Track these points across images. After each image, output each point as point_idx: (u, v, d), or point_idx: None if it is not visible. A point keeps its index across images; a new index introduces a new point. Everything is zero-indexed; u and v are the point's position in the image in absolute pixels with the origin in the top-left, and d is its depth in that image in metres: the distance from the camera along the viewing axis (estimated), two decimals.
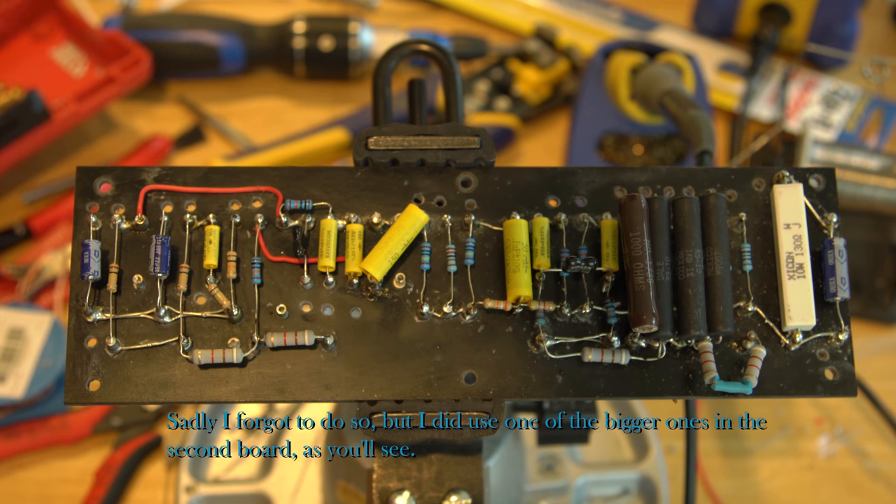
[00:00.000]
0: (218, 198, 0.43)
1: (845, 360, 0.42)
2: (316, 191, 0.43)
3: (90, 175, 0.43)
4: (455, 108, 0.49)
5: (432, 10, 0.95)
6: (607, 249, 0.42)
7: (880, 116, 0.88)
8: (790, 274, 0.42)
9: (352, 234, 0.42)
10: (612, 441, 0.70)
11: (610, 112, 0.82)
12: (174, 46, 0.85)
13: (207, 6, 0.93)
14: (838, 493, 0.71)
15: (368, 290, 0.42)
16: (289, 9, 0.93)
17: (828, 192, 0.44)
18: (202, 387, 0.41)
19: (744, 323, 0.42)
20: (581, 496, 0.67)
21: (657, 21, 0.94)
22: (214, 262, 0.42)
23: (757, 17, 0.89)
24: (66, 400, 0.41)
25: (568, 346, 0.42)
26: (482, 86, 0.87)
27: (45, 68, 0.83)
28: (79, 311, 0.41)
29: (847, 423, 0.74)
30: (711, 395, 0.41)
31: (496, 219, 0.43)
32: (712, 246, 0.42)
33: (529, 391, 0.42)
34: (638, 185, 0.44)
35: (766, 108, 0.87)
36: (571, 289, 0.42)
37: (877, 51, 0.94)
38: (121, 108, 0.86)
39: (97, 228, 0.42)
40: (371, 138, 0.44)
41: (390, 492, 0.46)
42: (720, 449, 0.72)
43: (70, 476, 0.70)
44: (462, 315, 0.42)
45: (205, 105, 0.87)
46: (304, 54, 0.85)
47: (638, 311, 0.40)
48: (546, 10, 0.94)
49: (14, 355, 0.70)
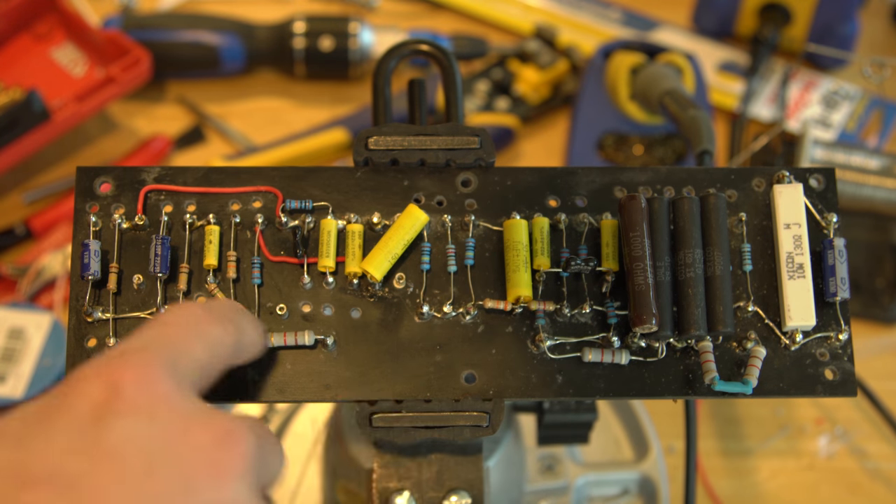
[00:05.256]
0: (218, 198, 0.43)
1: (845, 360, 0.42)
2: (316, 191, 0.43)
3: (90, 175, 0.43)
4: (455, 108, 0.49)
5: (432, 10, 0.95)
6: (607, 249, 0.42)
7: (880, 116, 0.88)
8: (790, 274, 0.42)
9: (352, 234, 0.42)
10: (612, 441, 0.70)
11: (610, 112, 0.82)
12: (174, 46, 0.85)
13: (207, 6, 0.93)
14: (838, 493, 0.71)
15: (368, 290, 0.42)
16: (289, 9, 0.93)
17: (828, 192, 0.44)
18: None
19: (744, 323, 0.42)
20: (581, 496, 0.67)
21: (657, 21, 0.94)
22: (214, 262, 0.42)
23: (757, 17, 0.89)
24: None
25: (568, 346, 0.42)
26: (482, 86, 0.87)
27: (45, 68, 0.83)
28: (79, 311, 0.41)
29: (847, 423, 0.74)
30: (711, 395, 0.41)
31: (496, 219, 0.43)
32: (712, 246, 0.42)
33: (529, 391, 0.42)
34: (638, 185, 0.44)
35: (766, 108, 0.87)
36: (571, 289, 0.42)
37: (877, 51, 0.94)
38: (121, 108, 0.86)
39: (97, 228, 0.42)
40: (371, 138, 0.44)
41: (390, 492, 0.46)
42: (720, 449, 0.72)
43: None
44: (462, 315, 0.42)
45: (205, 105, 0.87)
46: (304, 54, 0.85)
47: (638, 311, 0.40)
48: (546, 10, 0.94)
49: (14, 355, 0.70)
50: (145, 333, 0.34)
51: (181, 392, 0.32)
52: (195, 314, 0.35)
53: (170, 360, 0.32)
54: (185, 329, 0.34)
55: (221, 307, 0.37)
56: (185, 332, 0.34)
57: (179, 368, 0.33)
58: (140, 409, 0.30)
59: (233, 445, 0.31)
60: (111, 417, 0.30)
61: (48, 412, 0.30)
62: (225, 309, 0.37)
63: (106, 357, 0.32)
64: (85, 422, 0.30)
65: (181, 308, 0.36)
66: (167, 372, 0.32)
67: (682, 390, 0.42)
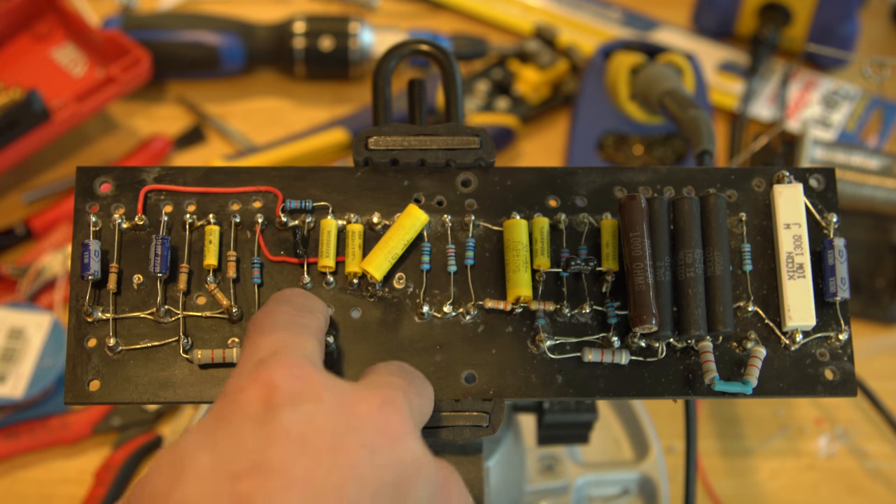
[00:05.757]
0: (218, 198, 0.43)
1: (845, 360, 0.42)
2: (316, 191, 0.43)
3: (90, 175, 0.43)
4: (455, 108, 0.49)
5: (432, 10, 0.95)
6: (607, 249, 0.42)
7: (880, 116, 0.88)
8: (790, 274, 0.42)
9: (352, 234, 0.42)
10: (612, 441, 0.70)
11: (610, 112, 0.82)
12: (174, 46, 0.85)
13: (207, 6, 0.93)
14: (838, 493, 0.71)
15: (368, 290, 0.42)
16: (289, 9, 0.93)
17: (828, 192, 0.44)
18: (202, 387, 0.41)
19: (744, 323, 0.42)
20: (581, 496, 0.67)
21: (657, 21, 0.94)
22: (214, 261, 0.42)
23: (757, 17, 0.89)
24: (67, 400, 0.41)
25: (568, 346, 0.42)
26: (482, 86, 0.87)
27: (45, 68, 0.83)
28: (79, 311, 0.41)
29: (847, 423, 0.74)
30: (711, 395, 0.41)
31: (496, 219, 0.43)
32: (712, 246, 0.42)
33: (529, 391, 0.42)
34: (638, 185, 0.44)
35: (766, 108, 0.87)
36: (571, 289, 0.42)
37: (877, 51, 0.94)
38: (121, 108, 0.86)
39: (97, 228, 0.42)
40: (371, 138, 0.44)
41: None
42: (720, 449, 0.72)
43: (70, 476, 0.70)
44: (462, 315, 0.42)
45: (205, 105, 0.87)
46: (304, 54, 0.85)
47: (638, 311, 0.40)
48: (546, 10, 0.94)
49: (14, 355, 0.70)
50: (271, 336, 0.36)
51: (327, 375, 0.35)
52: (288, 311, 0.38)
53: (303, 352, 0.36)
54: (303, 321, 0.38)
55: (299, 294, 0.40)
56: (303, 325, 0.37)
57: (311, 357, 0.36)
58: (305, 397, 0.33)
59: (395, 409, 0.35)
60: (281, 410, 0.33)
61: (222, 421, 0.33)
62: (306, 298, 0.40)
63: (246, 368, 0.35)
64: (260, 419, 0.33)
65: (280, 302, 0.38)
66: (308, 362, 0.35)
67: (682, 390, 0.42)
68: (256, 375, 0.34)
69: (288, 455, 0.31)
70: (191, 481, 0.31)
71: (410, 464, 0.34)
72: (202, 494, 0.31)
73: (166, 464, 0.32)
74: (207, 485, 0.31)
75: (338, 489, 0.32)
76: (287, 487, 0.31)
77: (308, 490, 0.31)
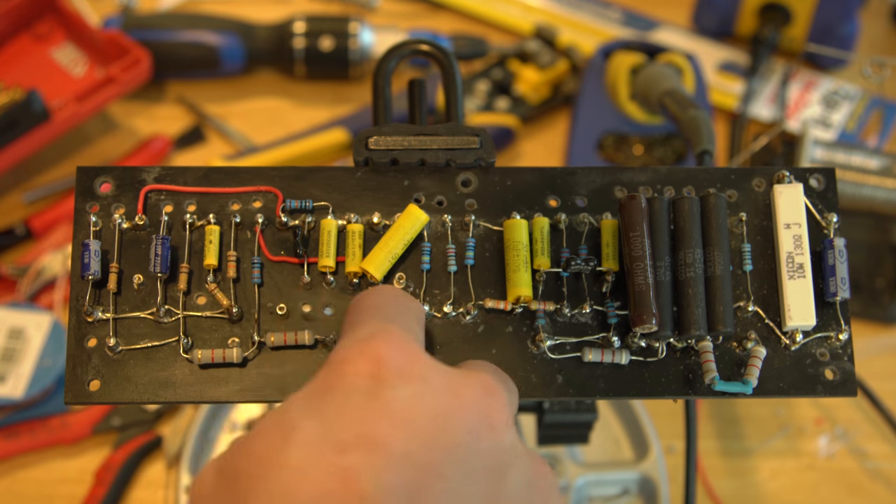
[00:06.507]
0: (218, 198, 0.43)
1: (845, 360, 0.42)
2: (316, 191, 0.43)
3: (90, 175, 0.43)
4: (455, 108, 0.49)
5: (432, 10, 0.95)
6: (607, 249, 0.42)
7: (880, 116, 0.88)
8: (790, 274, 0.42)
9: (352, 234, 0.42)
10: (612, 441, 0.70)
11: (610, 112, 0.82)
12: (174, 46, 0.85)
13: (207, 6, 0.93)
14: (838, 493, 0.71)
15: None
16: (289, 9, 0.93)
17: (828, 192, 0.44)
18: (202, 387, 0.41)
19: (744, 323, 0.42)
20: (581, 496, 0.67)
21: (657, 21, 0.94)
22: (214, 261, 0.42)
23: (757, 17, 0.89)
24: (67, 400, 0.41)
25: (568, 346, 0.42)
26: (482, 86, 0.87)
27: (45, 68, 0.83)
28: (79, 311, 0.41)
29: (847, 423, 0.74)
30: (711, 395, 0.41)
31: (496, 219, 0.43)
32: (712, 246, 0.42)
33: (529, 391, 0.42)
34: (638, 185, 0.44)
35: (766, 108, 0.87)
36: (571, 289, 0.42)
37: (877, 51, 0.94)
38: (121, 108, 0.86)
39: (97, 228, 0.42)
40: (371, 138, 0.44)
41: None
42: (720, 449, 0.72)
43: (70, 476, 0.70)
44: (462, 315, 0.42)
45: (205, 105, 0.87)
46: (304, 54, 0.85)
47: (638, 311, 0.40)
48: (546, 10, 0.94)
49: (14, 355, 0.70)
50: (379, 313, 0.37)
51: (431, 357, 0.35)
52: (393, 294, 0.38)
53: (410, 331, 0.36)
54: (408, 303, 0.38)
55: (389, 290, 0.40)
56: (407, 307, 0.38)
57: (418, 338, 0.37)
58: (413, 376, 0.33)
59: (496, 398, 0.35)
60: (389, 386, 0.33)
61: (328, 390, 0.33)
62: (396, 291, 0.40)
63: (354, 340, 0.35)
64: (368, 393, 0.33)
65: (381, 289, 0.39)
66: (417, 343, 0.36)
67: (682, 390, 0.42)
68: (364, 347, 0.34)
69: (394, 431, 0.32)
70: (297, 447, 0.31)
71: (508, 451, 0.34)
72: (308, 460, 0.31)
73: (271, 427, 0.32)
74: (314, 452, 0.31)
75: (439, 470, 0.32)
76: (391, 464, 0.31)
77: (410, 468, 0.31)
